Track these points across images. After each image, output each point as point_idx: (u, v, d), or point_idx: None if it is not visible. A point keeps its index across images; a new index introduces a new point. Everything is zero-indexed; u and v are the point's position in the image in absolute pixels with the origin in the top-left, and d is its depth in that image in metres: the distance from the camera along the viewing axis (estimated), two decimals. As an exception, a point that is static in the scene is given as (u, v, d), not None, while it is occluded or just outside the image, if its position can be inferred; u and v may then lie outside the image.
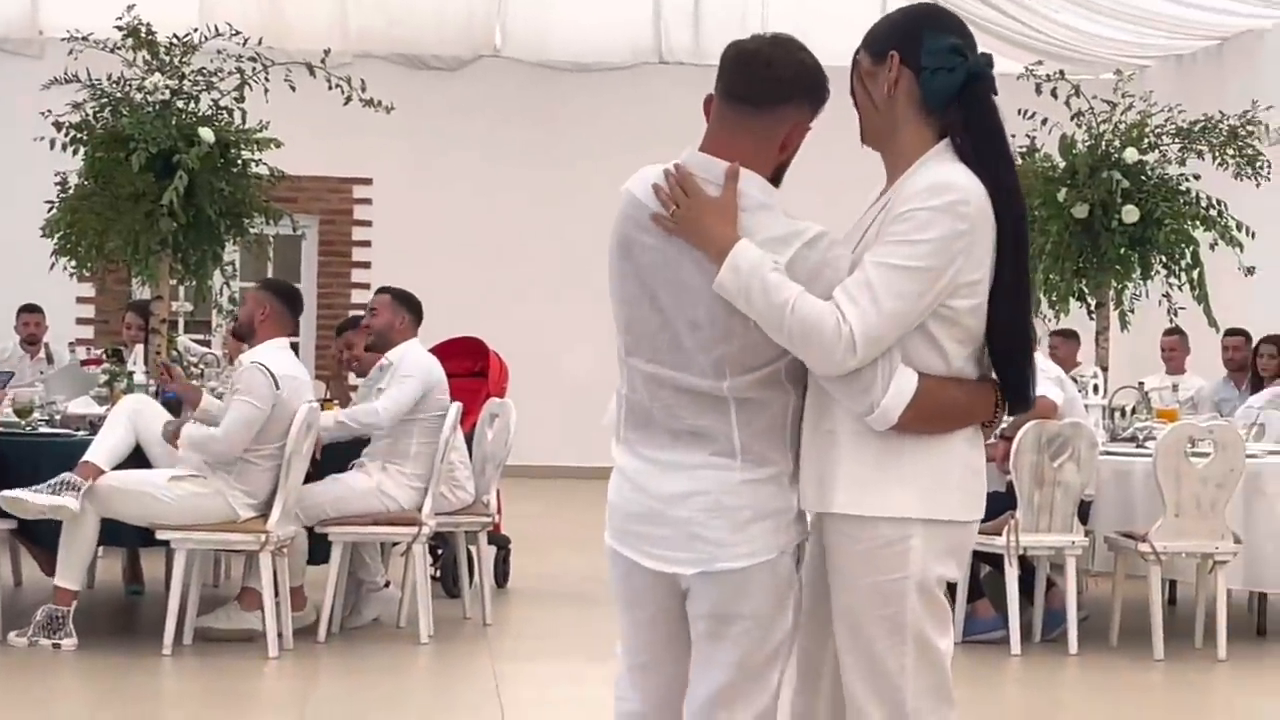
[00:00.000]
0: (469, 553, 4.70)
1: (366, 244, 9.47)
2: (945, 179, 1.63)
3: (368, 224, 9.51)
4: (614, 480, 1.76)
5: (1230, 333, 6.35)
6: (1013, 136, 5.53)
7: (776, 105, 1.66)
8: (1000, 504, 4.31)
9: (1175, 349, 6.82)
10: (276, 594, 4.01)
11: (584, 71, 9.82)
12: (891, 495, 1.68)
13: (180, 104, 4.74)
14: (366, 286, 8.38)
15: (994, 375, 1.71)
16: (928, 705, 1.68)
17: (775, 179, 1.69)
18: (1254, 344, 6.55)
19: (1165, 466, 4.24)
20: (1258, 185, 5.18)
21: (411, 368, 4.29)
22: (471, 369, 5.21)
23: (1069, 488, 4.24)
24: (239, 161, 4.85)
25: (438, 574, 4.90)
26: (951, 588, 4.52)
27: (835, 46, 2.79)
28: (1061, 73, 5.19)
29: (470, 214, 9.27)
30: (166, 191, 4.45)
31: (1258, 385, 6.31)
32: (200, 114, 4.78)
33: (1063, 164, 5.15)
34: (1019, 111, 4.78)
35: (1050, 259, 5.12)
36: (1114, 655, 4.43)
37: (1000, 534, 4.22)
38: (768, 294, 1.57)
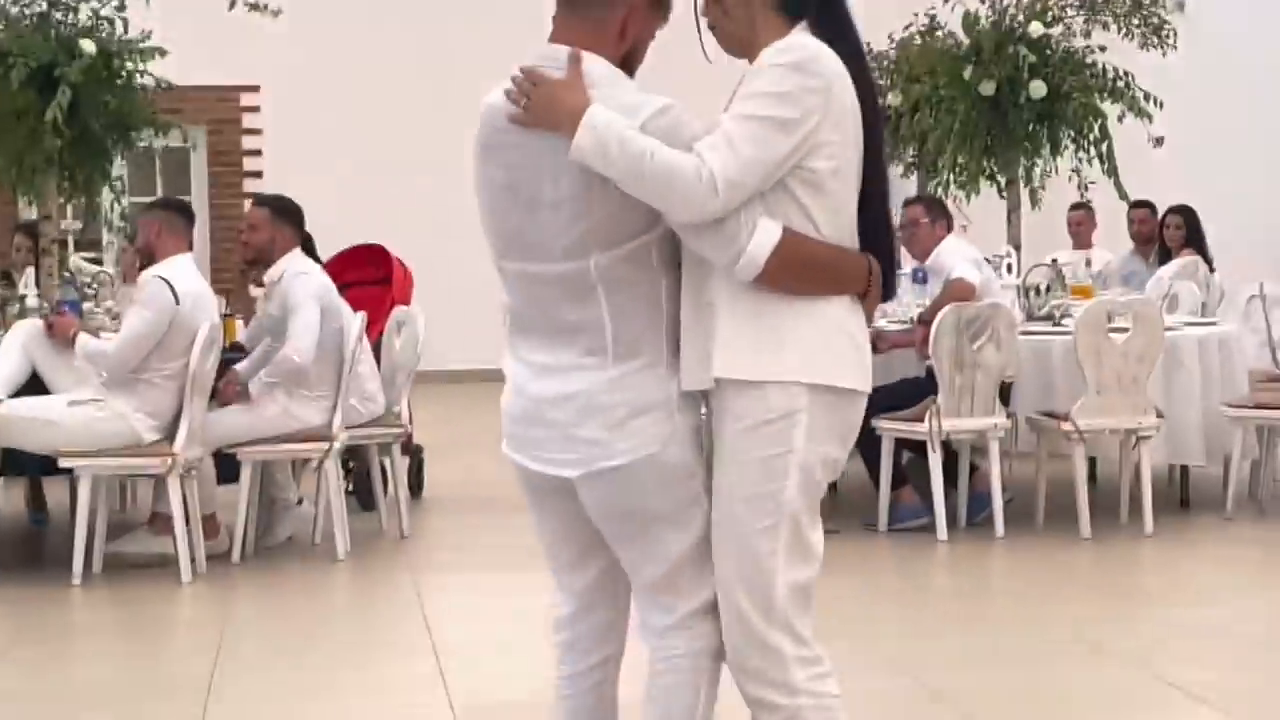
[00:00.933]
0: (382, 465, 4.57)
1: (258, 153, 9.19)
2: (797, 40, 1.66)
3: (258, 132, 9.21)
4: (505, 387, 1.78)
5: (1136, 205, 6.30)
6: (915, 15, 5.36)
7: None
8: (921, 389, 4.29)
9: (1082, 223, 6.79)
10: (187, 519, 3.88)
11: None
12: (776, 358, 1.69)
13: (59, 15, 4.61)
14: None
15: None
16: (796, 604, 1.67)
17: (626, 72, 1.70)
18: (1160, 215, 6.57)
19: (1085, 344, 4.23)
20: (1164, 54, 5.15)
21: (300, 293, 4.06)
22: (375, 277, 5.04)
23: (989, 370, 4.21)
24: (123, 73, 4.67)
25: (351, 488, 4.73)
26: (874, 476, 4.57)
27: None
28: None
29: (363, 118, 9.02)
30: (49, 108, 4.33)
31: (1165, 257, 6.35)
32: (80, 25, 4.62)
33: (967, 41, 5.11)
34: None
35: (958, 139, 5.09)
36: (1041, 536, 4.45)
37: (922, 420, 4.17)
38: (624, 146, 1.57)
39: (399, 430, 4.54)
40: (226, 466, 4.15)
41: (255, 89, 9.13)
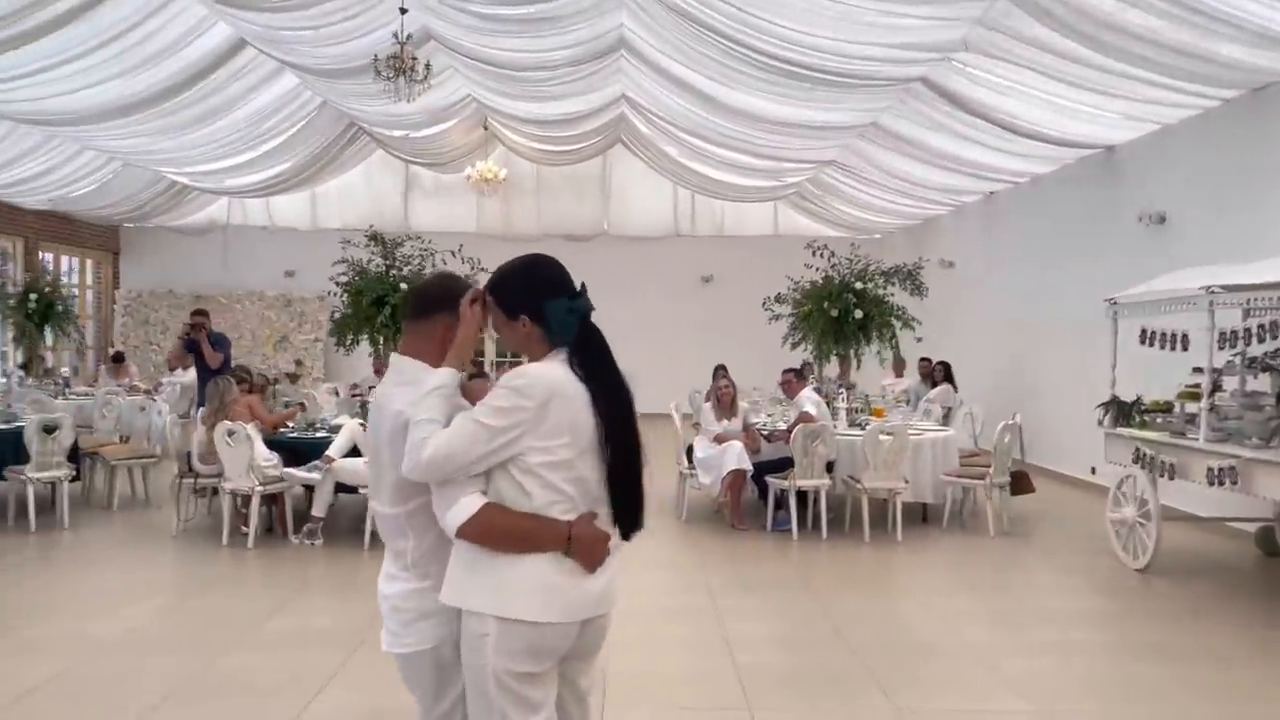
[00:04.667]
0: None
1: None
2: (525, 369, 2.25)
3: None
4: None
5: (923, 358, 11.62)
6: (799, 280, 9.93)
7: (429, 315, 2.40)
8: (787, 463, 8.42)
9: (899, 369, 12.36)
10: None
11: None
12: (474, 593, 2.18)
13: (394, 272, 8.88)
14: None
15: (576, 515, 2.26)
16: None
17: (462, 359, 2.34)
18: (932, 364, 11.63)
19: (868, 444, 8.31)
20: (923, 298, 9.64)
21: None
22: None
23: (820, 456, 8.28)
24: None
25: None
26: (765, 501, 8.85)
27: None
28: (826, 244, 9.55)
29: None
30: (381, 314, 8.58)
31: (933, 384, 11.37)
32: (402, 275, 8.92)
33: (825, 289, 9.49)
34: (806, 262, 9.11)
35: (821, 336, 9.37)
36: (844, 538, 8.16)
37: (788, 479, 8.33)
38: (425, 406, 2.22)
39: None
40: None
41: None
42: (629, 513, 2.35)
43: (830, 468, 8.49)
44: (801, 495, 8.48)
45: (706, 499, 9.20)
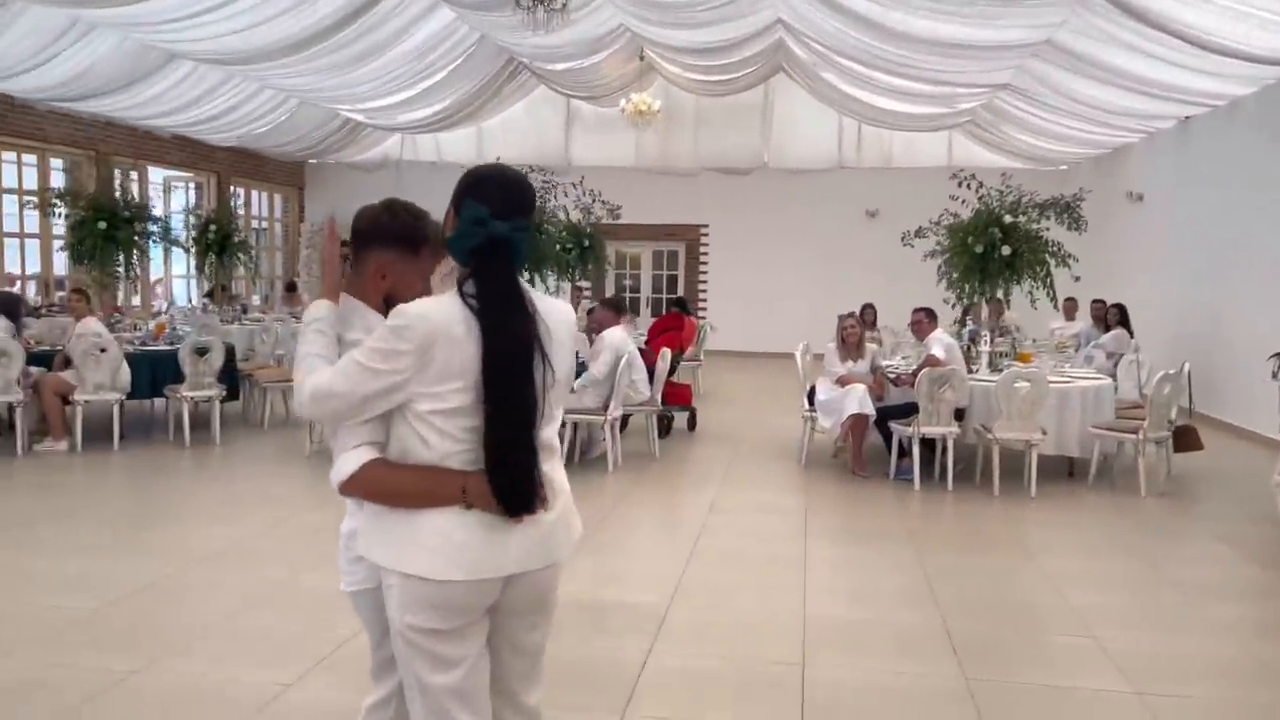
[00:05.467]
0: (657, 420, 8.82)
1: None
2: (406, 308, 2.02)
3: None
4: None
5: (1096, 300, 10.72)
6: (944, 213, 9.27)
7: (358, 251, 2.22)
8: (912, 408, 7.95)
9: (1071, 309, 11.47)
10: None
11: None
12: (377, 546, 2.11)
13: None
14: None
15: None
16: (429, 713, 2.11)
17: (405, 296, 2.12)
18: (1105, 306, 10.69)
19: (1002, 389, 7.63)
20: (1080, 232, 8.70)
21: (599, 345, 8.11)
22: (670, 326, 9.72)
23: (947, 402, 7.70)
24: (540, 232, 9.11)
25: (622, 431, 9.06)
26: (889, 449, 8.41)
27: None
28: (973, 174, 8.77)
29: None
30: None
31: (1106, 328, 10.60)
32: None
33: (971, 224, 8.72)
34: (952, 193, 8.44)
35: (964, 274, 8.68)
36: (972, 490, 7.63)
37: (910, 427, 7.86)
38: (303, 335, 2.11)
39: (654, 408, 8.67)
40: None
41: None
42: (508, 483, 2.03)
43: (961, 415, 7.94)
44: (930, 444, 7.98)
45: (830, 444, 8.84)
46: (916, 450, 7.82)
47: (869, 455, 8.31)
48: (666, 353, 8.98)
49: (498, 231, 2.04)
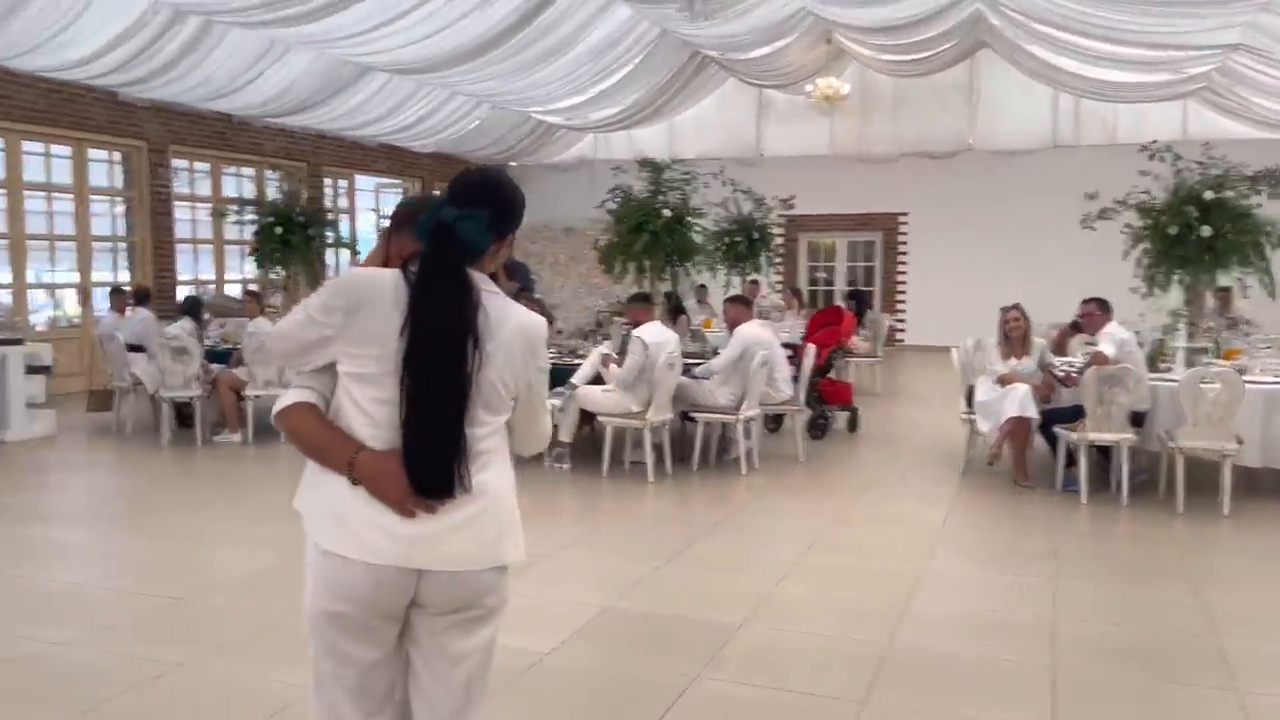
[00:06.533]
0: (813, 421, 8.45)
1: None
2: (354, 269, 2.10)
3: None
4: None
5: None
6: (1132, 190, 8.00)
7: (395, 235, 2.17)
8: (1079, 412, 6.98)
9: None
10: (654, 447, 7.46)
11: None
12: (301, 499, 2.05)
13: (660, 197, 8.71)
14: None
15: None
16: (321, 707, 2.06)
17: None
18: None
19: (1185, 392, 6.56)
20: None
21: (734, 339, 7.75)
22: (832, 321, 9.27)
23: (1120, 405, 6.77)
24: (679, 225, 8.85)
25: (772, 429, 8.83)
26: (1055, 454, 7.48)
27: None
28: (1169, 146, 7.59)
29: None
30: (639, 241, 8.37)
31: None
32: (664, 201, 8.71)
33: (1170, 202, 7.52)
34: (1142, 168, 7.34)
35: (1158, 259, 7.51)
36: (1152, 505, 6.68)
37: (1076, 432, 6.92)
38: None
39: (795, 408, 8.20)
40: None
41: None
42: (419, 461, 1.94)
43: (1140, 420, 6.97)
44: (1105, 452, 7.06)
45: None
46: (1084, 459, 6.92)
47: (1034, 463, 7.46)
48: (812, 349, 8.46)
49: (444, 216, 2.02)
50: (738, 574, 5.43)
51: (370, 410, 1.97)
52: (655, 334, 7.50)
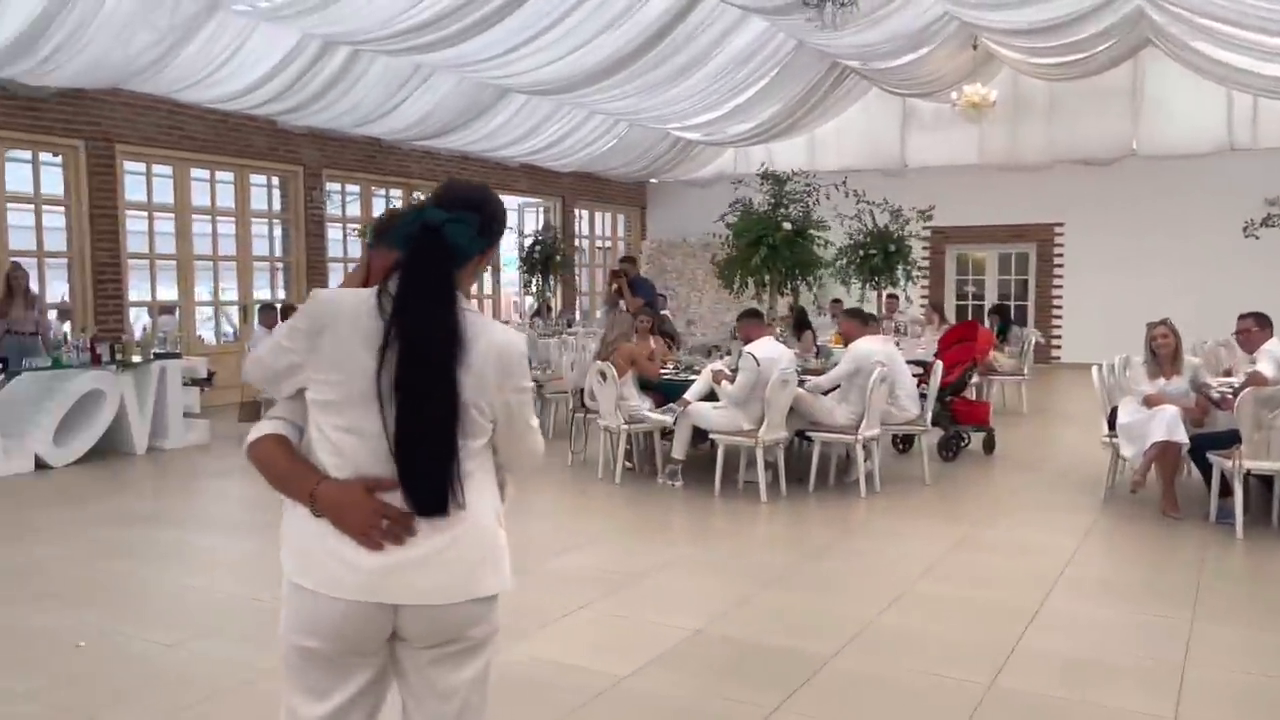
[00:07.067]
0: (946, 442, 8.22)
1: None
2: (320, 291, 1.99)
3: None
4: None
5: None
6: None
7: (375, 247, 2.10)
8: (1234, 437, 6.35)
9: None
10: (767, 466, 7.27)
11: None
12: (281, 537, 1.99)
13: (780, 210, 8.50)
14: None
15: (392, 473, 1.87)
16: None
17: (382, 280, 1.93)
18: None
19: None
20: None
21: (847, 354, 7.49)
22: (962, 337, 8.86)
23: None
24: (800, 239, 8.60)
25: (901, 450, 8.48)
26: (1208, 483, 6.81)
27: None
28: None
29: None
30: (757, 254, 8.21)
31: None
32: (786, 214, 8.47)
33: None
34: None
35: None
36: None
37: (1231, 459, 6.29)
38: None
39: (921, 428, 7.85)
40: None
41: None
42: (418, 481, 1.87)
43: (1301, 447, 6.29)
44: (1267, 482, 6.42)
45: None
46: (1239, 488, 6.30)
47: (1187, 492, 6.86)
48: (939, 366, 8.06)
49: (432, 218, 1.92)
50: (840, 601, 5.19)
51: (333, 438, 1.90)
52: (767, 350, 7.30)
